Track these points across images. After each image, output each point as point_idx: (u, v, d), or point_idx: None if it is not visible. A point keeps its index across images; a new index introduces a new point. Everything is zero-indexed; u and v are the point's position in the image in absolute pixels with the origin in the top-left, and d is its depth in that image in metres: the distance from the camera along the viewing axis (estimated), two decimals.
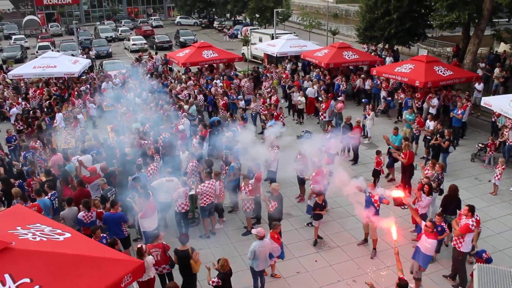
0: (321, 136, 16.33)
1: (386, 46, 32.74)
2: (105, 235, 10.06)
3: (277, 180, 14.41)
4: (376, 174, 14.98)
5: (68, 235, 7.25)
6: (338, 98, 21.31)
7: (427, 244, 9.42)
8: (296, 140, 18.22)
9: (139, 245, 9.14)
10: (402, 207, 13.02)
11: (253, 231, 9.99)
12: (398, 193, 10.53)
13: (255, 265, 9.81)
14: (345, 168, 13.95)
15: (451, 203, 11.62)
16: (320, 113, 19.99)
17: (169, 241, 10.58)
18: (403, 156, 14.33)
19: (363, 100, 21.52)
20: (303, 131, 19.84)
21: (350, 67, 26.58)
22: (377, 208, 11.27)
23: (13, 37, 51.39)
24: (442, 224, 10.56)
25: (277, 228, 10.38)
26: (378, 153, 14.86)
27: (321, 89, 21.98)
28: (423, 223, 9.67)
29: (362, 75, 24.28)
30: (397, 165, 15.51)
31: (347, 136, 16.72)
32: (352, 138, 16.70)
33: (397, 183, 15.10)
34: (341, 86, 23.71)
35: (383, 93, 22.64)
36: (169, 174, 12.47)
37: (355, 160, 17.33)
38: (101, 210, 11.10)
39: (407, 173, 14.56)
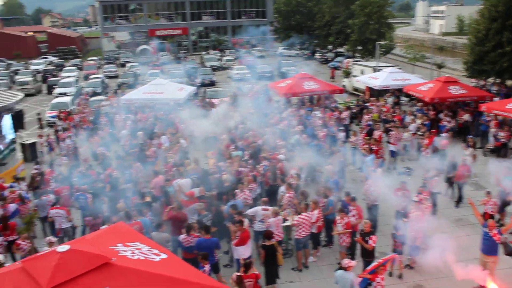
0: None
1: (497, 81, 30.88)
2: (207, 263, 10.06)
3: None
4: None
5: (164, 256, 7.41)
6: (442, 135, 20.28)
7: None
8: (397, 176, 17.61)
9: (238, 274, 9.24)
10: None
11: (343, 261, 9.86)
12: None
13: None
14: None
15: None
16: (422, 150, 19.12)
17: (261, 270, 10.55)
18: None
19: (468, 136, 20.17)
20: (404, 168, 19.07)
21: (456, 102, 25.30)
22: (497, 244, 10.67)
23: (128, 64, 55.37)
24: None
25: None
26: (488, 194, 13.73)
27: (424, 124, 21.10)
28: None
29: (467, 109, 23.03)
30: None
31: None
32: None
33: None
34: (446, 123, 22.56)
35: (493, 131, 21.18)
36: (265, 203, 12.55)
37: (459, 200, 16.26)
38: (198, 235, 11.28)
39: None
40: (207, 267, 9.84)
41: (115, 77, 50.42)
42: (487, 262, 10.77)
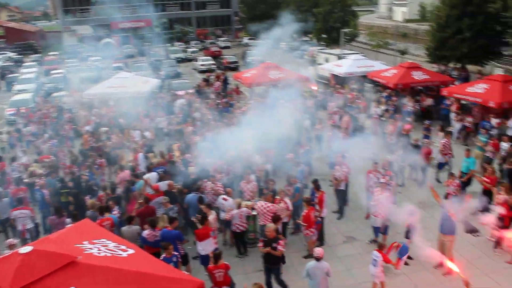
0: None
1: (458, 66, 31.60)
2: (176, 253, 10.07)
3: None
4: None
5: (131, 251, 7.36)
6: (406, 119, 20.65)
7: None
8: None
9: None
10: (475, 234, 12.41)
11: (315, 250, 9.85)
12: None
13: (311, 286, 9.77)
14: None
15: None
16: (386, 135, 19.43)
17: (231, 261, 10.57)
18: (487, 180, 13.58)
19: (426, 121, 20.45)
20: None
21: (419, 87, 25.79)
22: (454, 224, 11.04)
23: (90, 58, 54.20)
24: None
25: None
26: (451, 176, 14.12)
27: (387, 109, 21.48)
28: None
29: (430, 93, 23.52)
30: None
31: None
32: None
33: None
34: (410, 108, 22.97)
35: (453, 115, 21.68)
36: (228, 194, 12.75)
37: (422, 182, 16.60)
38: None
39: (485, 199, 13.79)
40: (174, 257, 9.84)
41: (78, 71, 49.26)
42: (445, 241, 11.14)
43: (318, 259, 9.53)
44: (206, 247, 10.88)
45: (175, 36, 78.95)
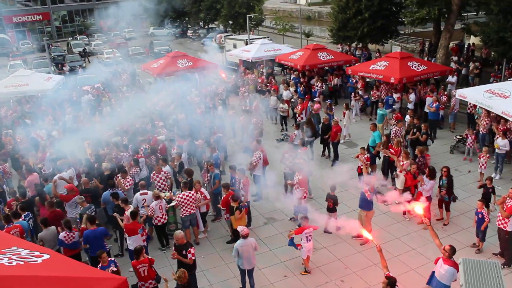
0: None
1: (360, 45, 32.99)
2: (113, 259, 9.78)
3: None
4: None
5: (46, 256, 7.02)
6: (315, 99, 21.35)
7: (442, 270, 8.37)
8: (276, 143, 18.35)
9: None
10: (385, 203, 13.16)
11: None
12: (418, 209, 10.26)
13: (240, 263, 10.05)
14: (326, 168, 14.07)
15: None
16: (297, 115, 19.98)
17: (154, 255, 10.47)
18: (393, 152, 14.37)
19: (327, 100, 21.22)
20: (282, 134, 19.84)
21: (325, 67, 26.68)
22: (370, 201, 11.72)
23: None
24: (482, 211, 11.00)
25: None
26: (362, 150, 14.81)
27: (296, 90, 22.11)
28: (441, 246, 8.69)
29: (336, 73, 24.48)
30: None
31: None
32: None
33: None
34: (318, 88, 23.75)
35: (359, 92, 22.72)
36: (143, 187, 12.59)
37: (335, 159, 17.27)
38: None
39: (391, 169, 14.73)
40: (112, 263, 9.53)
41: None
42: (363, 216, 11.88)
43: (244, 237, 9.86)
44: (134, 242, 10.68)
45: (77, 29, 75.53)
